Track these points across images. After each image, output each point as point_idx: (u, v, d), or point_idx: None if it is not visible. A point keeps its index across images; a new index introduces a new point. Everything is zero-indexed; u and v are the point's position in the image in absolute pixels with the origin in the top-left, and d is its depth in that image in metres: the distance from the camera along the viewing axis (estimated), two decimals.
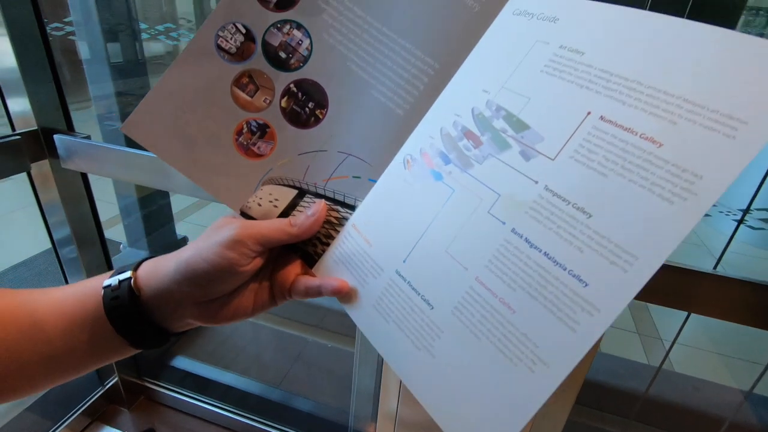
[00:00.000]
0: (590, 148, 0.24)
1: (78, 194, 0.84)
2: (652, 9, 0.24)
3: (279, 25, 0.35)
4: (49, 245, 0.89)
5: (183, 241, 1.63)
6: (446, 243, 0.28)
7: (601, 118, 0.24)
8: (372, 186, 0.34)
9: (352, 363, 0.83)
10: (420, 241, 0.30)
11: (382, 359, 0.77)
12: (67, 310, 0.32)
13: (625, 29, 0.25)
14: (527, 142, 0.27)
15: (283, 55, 0.35)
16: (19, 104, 0.74)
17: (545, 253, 0.24)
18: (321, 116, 0.35)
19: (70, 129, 0.79)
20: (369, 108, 0.34)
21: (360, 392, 0.84)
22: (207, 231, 0.34)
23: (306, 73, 0.35)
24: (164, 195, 1.51)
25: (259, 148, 0.36)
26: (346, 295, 0.32)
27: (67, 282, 0.93)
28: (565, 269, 0.23)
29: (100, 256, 0.92)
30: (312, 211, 0.34)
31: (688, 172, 0.21)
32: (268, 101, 0.35)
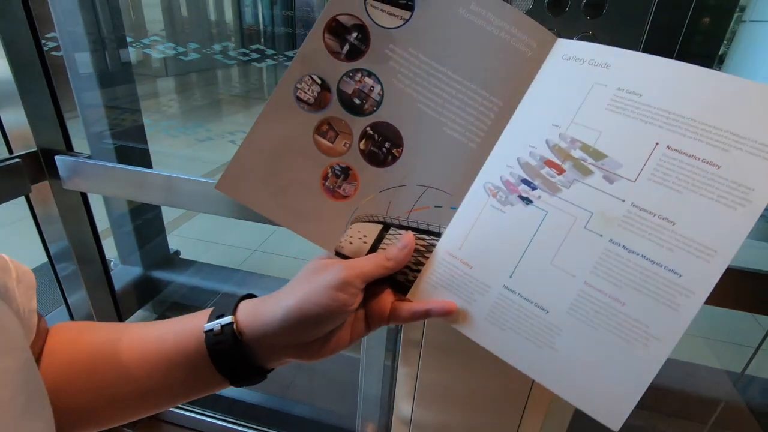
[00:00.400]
0: (664, 171, 0.31)
1: (78, 213, 0.83)
2: (648, 40, 0.31)
3: (351, 74, 0.36)
4: (40, 261, 0.87)
5: (176, 255, 1.46)
6: (550, 257, 0.34)
7: (668, 147, 0.32)
8: (453, 213, 0.38)
9: (358, 370, 0.85)
10: (523, 258, 0.35)
11: (392, 365, 0.80)
12: (166, 351, 0.34)
13: (672, 76, 0.32)
14: (608, 168, 0.33)
15: (357, 101, 0.37)
16: (16, 122, 0.69)
17: (642, 256, 0.31)
18: (397, 154, 0.38)
19: (69, 148, 0.75)
20: (442, 143, 0.38)
21: (367, 399, 0.87)
22: (304, 275, 0.35)
23: (380, 116, 0.37)
24: (155, 206, 1.34)
25: (344, 190, 0.37)
26: (454, 315, 0.36)
27: (65, 298, 0.94)
28: (661, 266, 0.31)
29: (100, 273, 0.92)
30: (402, 243, 0.37)
31: (743, 187, 0.29)
32: (347, 145, 0.37)
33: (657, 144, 0.32)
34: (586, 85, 0.35)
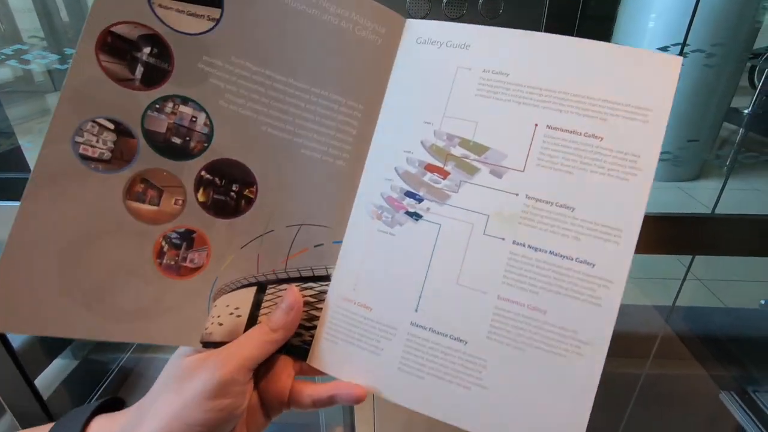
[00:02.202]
0: (550, 154, 0.27)
1: None
2: (549, 21, 0.28)
3: (158, 106, 0.27)
4: None
5: None
6: (454, 276, 0.29)
7: (548, 126, 0.28)
8: (339, 248, 0.31)
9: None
10: (426, 285, 0.29)
11: None
12: None
13: (536, 50, 0.28)
14: (493, 162, 0.28)
15: (176, 140, 0.27)
16: None
17: (551, 252, 0.27)
18: (252, 195, 0.29)
19: None
20: (305, 169, 0.30)
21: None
22: (168, 383, 0.26)
23: (215, 152, 0.28)
24: None
25: (191, 261, 0.28)
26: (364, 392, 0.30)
27: None
28: (572, 259, 0.27)
29: None
30: (286, 303, 0.29)
31: (629, 155, 0.26)
32: (180, 202, 0.27)
33: (536, 125, 0.28)
34: (449, 71, 0.30)
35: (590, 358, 0.26)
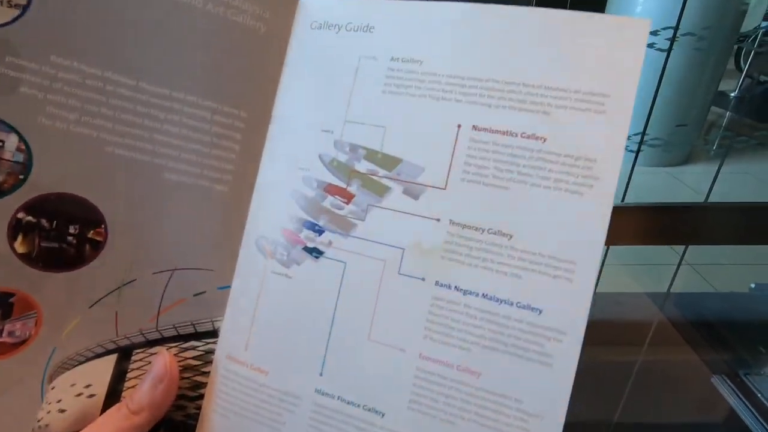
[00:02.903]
0: (478, 164, 0.20)
1: None
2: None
3: None
4: None
5: None
6: (365, 329, 0.22)
7: (474, 127, 0.21)
8: (226, 294, 0.24)
9: None
10: (331, 341, 0.22)
11: None
12: None
13: (455, 27, 0.21)
14: (407, 178, 0.21)
15: None
16: None
17: (483, 295, 0.20)
18: (100, 238, 0.22)
19: None
20: (172, 198, 0.23)
21: None
22: None
23: (36, 187, 0.21)
24: None
25: (11, 333, 0.21)
26: None
27: None
28: (512, 304, 0.20)
29: None
30: (154, 374, 0.22)
31: (582, 159, 0.19)
32: None
33: (459, 126, 0.21)
34: (350, 62, 0.23)
35: None
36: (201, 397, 0.24)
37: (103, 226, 0.22)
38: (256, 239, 0.24)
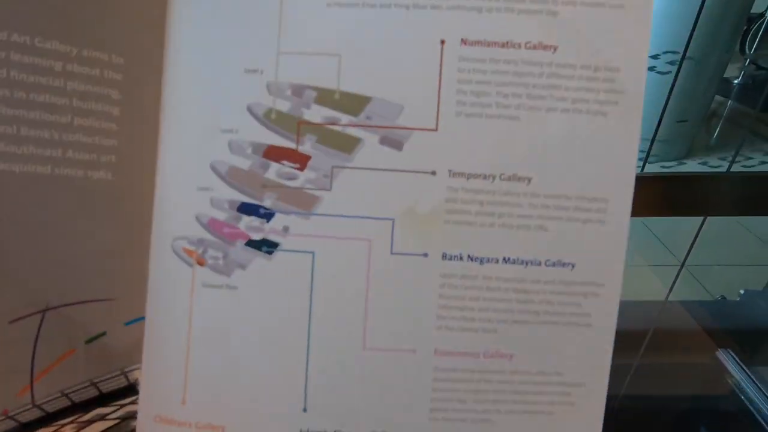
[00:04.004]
0: (476, 90, 0.16)
1: None
2: None
3: None
4: None
5: None
6: (356, 337, 0.16)
7: (463, 41, 0.16)
8: (139, 329, 0.17)
9: None
10: (311, 364, 0.17)
11: None
12: None
13: None
14: (382, 122, 0.16)
15: None
16: None
17: (505, 260, 0.16)
18: None
19: None
20: (22, 201, 0.15)
21: None
22: None
23: None
24: None
25: None
26: None
27: None
28: (539, 263, 0.16)
29: None
30: None
31: (602, 69, 0.16)
32: None
33: (443, 42, 0.15)
34: None
35: (586, 403, 0.17)
36: None
37: None
38: (171, 242, 0.17)
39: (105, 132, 0.16)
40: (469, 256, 0.16)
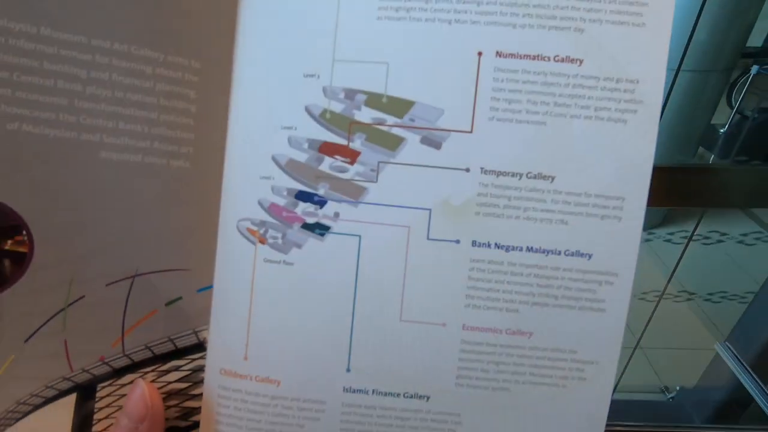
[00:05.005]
0: (508, 98, 0.18)
1: None
2: None
3: None
4: None
5: None
6: (395, 310, 0.20)
7: (498, 54, 0.18)
8: (209, 296, 0.21)
9: None
10: (355, 331, 0.20)
11: None
12: None
13: None
14: (423, 124, 0.19)
15: None
16: None
17: (528, 248, 0.19)
18: (23, 248, 0.18)
19: None
20: (115, 184, 0.19)
21: None
22: None
23: None
24: None
25: None
26: None
27: None
28: (559, 253, 0.19)
29: None
30: (131, 411, 0.19)
31: (623, 81, 0.18)
32: None
33: (480, 54, 0.18)
34: None
35: (597, 379, 0.20)
36: (196, 425, 0.21)
37: (24, 232, 0.18)
38: (237, 223, 0.20)
39: (184, 127, 0.20)
40: (496, 244, 0.19)
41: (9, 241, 0.17)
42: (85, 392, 0.19)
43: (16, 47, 0.17)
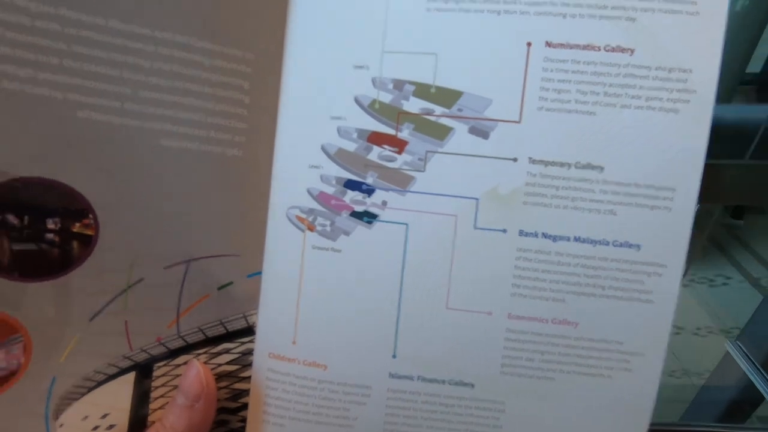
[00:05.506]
0: (557, 87, 0.19)
1: None
2: None
3: None
4: None
5: None
6: (441, 298, 0.20)
7: (548, 44, 0.19)
8: (257, 282, 0.22)
9: None
10: (401, 317, 0.21)
11: None
12: None
13: None
14: (471, 114, 0.20)
15: None
16: None
17: (576, 238, 0.19)
18: (90, 231, 0.19)
19: None
20: (174, 170, 0.20)
21: None
22: None
23: None
24: None
25: None
26: None
27: None
28: (608, 243, 0.19)
29: None
30: (188, 390, 0.20)
31: (675, 70, 0.18)
32: None
33: (529, 44, 0.19)
34: None
35: (643, 370, 0.20)
36: (245, 407, 0.22)
37: (90, 215, 0.19)
38: (286, 210, 0.21)
39: (238, 116, 0.21)
40: (543, 233, 0.20)
41: (77, 224, 0.19)
42: (143, 371, 0.20)
43: (87, 38, 0.18)
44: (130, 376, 0.20)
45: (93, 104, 0.18)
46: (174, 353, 0.21)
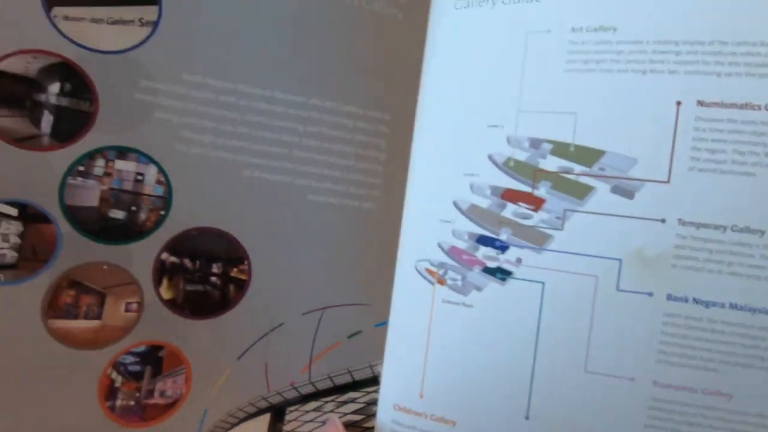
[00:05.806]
0: (711, 147, 0.18)
1: None
2: None
3: (82, 168, 0.18)
4: None
5: None
6: (579, 360, 0.20)
7: (700, 103, 0.18)
8: (384, 332, 0.22)
9: None
10: (535, 377, 0.20)
11: None
12: None
13: None
14: (614, 173, 0.19)
15: (118, 214, 0.19)
16: None
17: (732, 305, 0.18)
18: (244, 276, 0.21)
19: None
20: (317, 223, 0.21)
21: None
22: None
23: (178, 222, 0.20)
24: None
25: (163, 393, 0.19)
26: None
27: None
28: (766, 311, 0.18)
29: None
30: None
31: None
32: (134, 306, 0.19)
33: (679, 103, 0.18)
34: (515, 40, 0.21)
35: None
36: None
37: (246, 262, 0.21)
38: (415, 263, 0.22)
39: (374, 173, 0.22)
40: (694, 298, 0.19)
41: (235, 269, 0.21)
42: (278, 413, 0.22)
43: (256, 109, 0.20)
44: (266, 418, 0.22)
45: (256, 164, 0.21)
46: (305, 398, 0.22)
